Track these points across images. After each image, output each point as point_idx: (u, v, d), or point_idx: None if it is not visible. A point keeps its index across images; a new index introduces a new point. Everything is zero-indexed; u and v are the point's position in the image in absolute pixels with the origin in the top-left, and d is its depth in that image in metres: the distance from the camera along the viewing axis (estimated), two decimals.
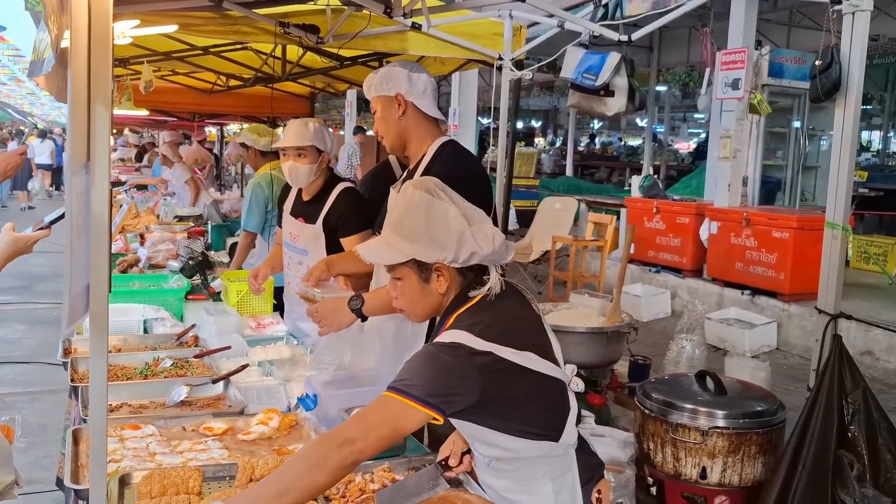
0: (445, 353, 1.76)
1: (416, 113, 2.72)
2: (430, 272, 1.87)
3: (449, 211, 1.83)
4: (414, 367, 1.77)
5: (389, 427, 1.71)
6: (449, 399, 1.73)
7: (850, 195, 3.14)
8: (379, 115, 2.76)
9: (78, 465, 2.13)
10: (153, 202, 8.51)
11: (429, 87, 2.73)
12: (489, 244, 1.84)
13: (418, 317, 1.98)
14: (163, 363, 3.06)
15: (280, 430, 2.43)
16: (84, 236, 1.70)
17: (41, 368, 6.16)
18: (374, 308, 2.65)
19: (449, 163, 2.68)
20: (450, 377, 1.74)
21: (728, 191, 8.68)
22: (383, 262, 1.90)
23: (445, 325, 1.88)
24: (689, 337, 5.13)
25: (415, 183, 1.90)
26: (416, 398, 1.69)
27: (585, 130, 28.51)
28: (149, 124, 17.08)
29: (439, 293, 1.89)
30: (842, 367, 2.98)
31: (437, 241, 1.82)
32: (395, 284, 1.94)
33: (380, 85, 2.71)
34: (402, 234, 1.85)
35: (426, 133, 2.76)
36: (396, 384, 1.73)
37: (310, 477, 1.63)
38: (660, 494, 3.26)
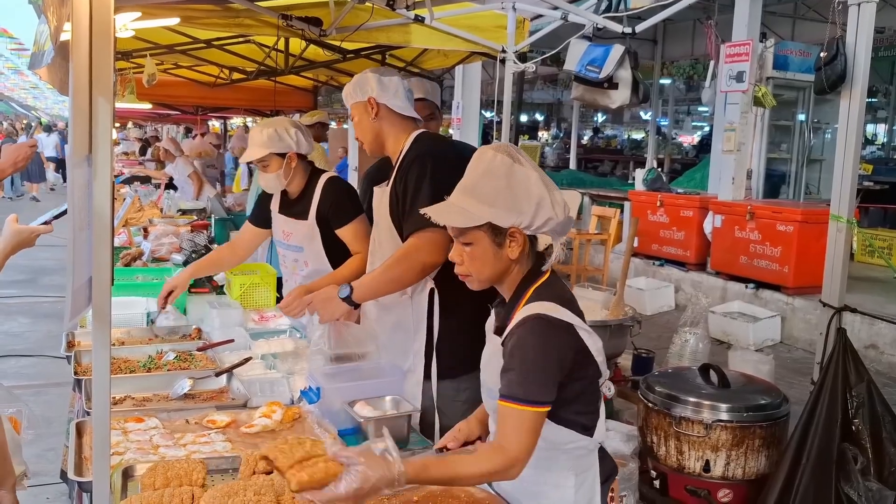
0: (549, 335, 1.78)
1: (388, 113, 2.80)
2: (505, 237, 1.84)
3: (531, 176, 1.81)
4: (531, 367, 1.77)
5: (537, 436, 1.77)
6: (555, 387, 1.79)
7: (854, 188, 3.13)
8: (356, 120, 2.85)
9: (81, 458, 2.14)
10: (156, 196, 8.51)
11: (400, 88, 2.80)
12: (562, 212, 1.84)
13: (483, 283, 1.94)
14: (166, 356, 3.06)
15: (283, 422, 2.42)
16: (86, 229, 1.70)
17: (45, 361, 6.18)
18: (365, 294, 2.69)
19: (421, 144, 2.78)
20: (555, 365, 1.78)
21: (732, 184, 8.66)
22: (459, 225, 1.85)
23: (524, 298, 1.87)
24: (692, 330, 5.12)
25: (494, 146, 1.87)
26: (544, 403, 1.76)
27: (589, 124, 28.45)
28: (152, 118, 17.09)
29: (510, 259, 1.87)
30: (846, 361, 2.97)
31: (516, 206, 1.80)
32: (464, 250, 1.90)
33: (353, 93, 2.82)
34: (478, 198, 1.82)
35: (401, 130, 2.83)
36: (520, 395, 1.75)
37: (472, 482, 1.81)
38: (663, 487, 3.26)
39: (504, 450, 1.74)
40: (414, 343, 2.78)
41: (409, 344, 2.79)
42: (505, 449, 1.75)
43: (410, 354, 2.79)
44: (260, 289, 4.02)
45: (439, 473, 1.74)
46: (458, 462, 1.80)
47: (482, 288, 1.95)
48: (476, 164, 1.87)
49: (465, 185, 1.87)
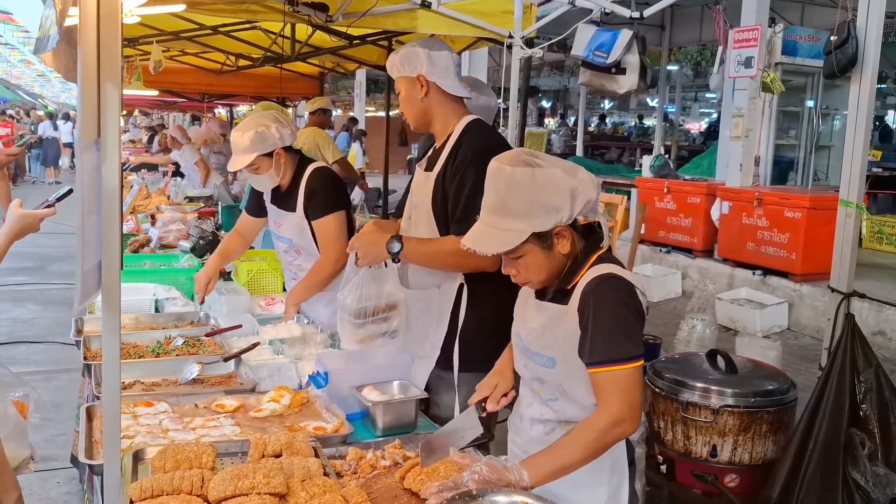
0: (629, 292, 1.84)
1: (438, 93, 2.66)
2: (551, 238, 1.84)
3: (554, 174, 1.79)
4: (617, 328, 1.81)
5: (640, 393, 1.83)
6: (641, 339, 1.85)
7: (864, 172, 3.11)
8: (403, 96, 2.70)
9: (92, 441, 2.15)
10: (163, 183, 8.53)
11: (451, 65, 2.65)
12: (593, 189, 1.83)
13: (543, 282, 1.94)
14: (174, 342, 3.07)
15: (291, 407, 2.44)
16: (95, 213, 1.70)
17: (55, 348, 6.22)
18: (413, 257, 2.59)
19: (476, 140, 2.65)
20: (637, 321, 1.85)
21: (740, 170, 8.62)
22: (503, 250, 1.83)
23: (586, 264, 1.88)
24: (699, 316, 5.11)
25: (506, 160, 1.83)
26: (638, 356, 1.81)
27: (596, 111, 28.34)
28: (159, 106, 17.09)
29: (563, 254, 1.87)
30: (854, 346, 2.96)
31: (552, 208, 1.79)
32: (515, 263, 1.88)
33: (401, 66, 2.66)
34: (512, 216, 1.80)
35: (450, 112, 2.71)
36: (623, 355, 1.80)
37: (588, 457, 1.81)
38: (670, 473, 3.26)
39: (604, 413, 1.80)
40: (436, 332, 2.72)
41: (430, 332, 2.73)
42: (605, 412, 1.80)
43: (429, 343, 2.74)
44: (267, 275, 4.04)
45: (552, 467, 1.78)
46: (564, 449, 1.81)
47: (544, 286, 1.96)
48: (496, 182, 1.83)
49: (493, 206, 1.84)
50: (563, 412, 1.99)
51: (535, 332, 1.98)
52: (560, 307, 1.91)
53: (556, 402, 1.99)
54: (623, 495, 1.99)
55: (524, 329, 2.03)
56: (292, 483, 1.77)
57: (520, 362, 2.08)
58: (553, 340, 1.92)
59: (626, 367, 1.80)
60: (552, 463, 1.79)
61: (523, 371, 2.07)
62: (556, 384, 1.97)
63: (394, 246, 2.49)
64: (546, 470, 1.77)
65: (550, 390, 1.99)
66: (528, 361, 2.02)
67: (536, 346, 1.97)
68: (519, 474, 1.74)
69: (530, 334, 1.99)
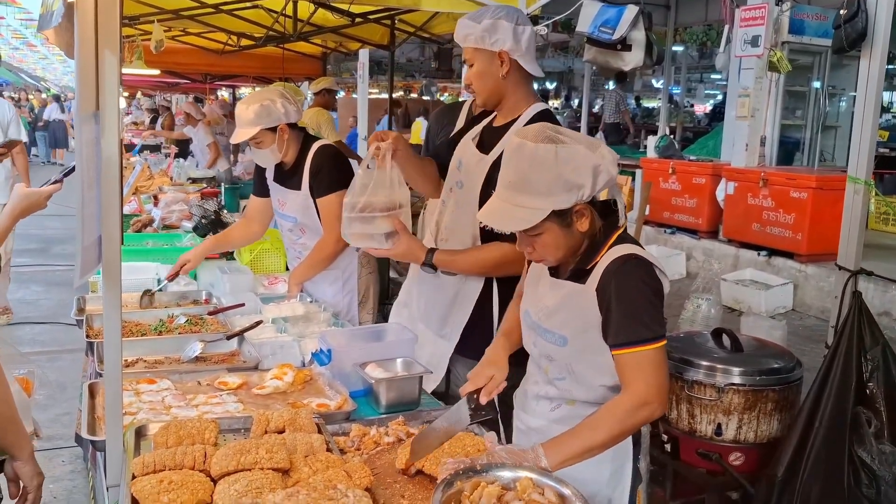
0: (650, 271, 1.83)
1: (518, 72, 2.49)
2: (571, 216, 1.81)
3: (578, 150, 1.75)
4: (640, 309, 1.80)
5: (665, 373, 1.81)
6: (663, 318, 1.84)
7: (873, 149, 3.08)
8: (477, 70, 2.49)
9: (94, 418, 2.15)
10: (166, 164, 8.51)
11: (532, 43, 2.48)
12: (614, 165, 1.80)
13: (560, 261, 1.91)
14: (177, 320, 3.06)
15: (294, 384, 2.43)
16: (95, 187, 1.68)
17: (59, 328, 6.23)
18: (448, 266, 2.58)
19: None
20: (659, 301, 1.84)
21: (745, 150, 8.57)
22: (522, 228, 1.79)
23: (606, 244, 1.86)
24: (704, 296, 5.09)
25: (529, 135, 1.77)
26: (661, 336, 1.80)
27: (600, 92, 28.16)
28: (161, 87, 17.02)
29: (581, 232, 1.84)
30: (861, 324, 2.94)
31: (573, 186, 1.75)
32: (532, 241, 1.85)
33: (482, 37, 2.44)
34: (532, 193, 1.75)
35: (525, 94, 2.55)
36: (647, 335, 1.78)
37: (613, 439, 1.80)
38: (674, 451, 3.25)
39: (629, 395, 1.79)
40: (456, 316, 2.67)
41: (450, 313, 2.70)
42: (630, 394, 1.78)
43: (448, 325, 2.71)
44: (270, 254, 4.02)
45: (574, 450, 1.76)
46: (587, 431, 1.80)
47: (562, 262, 1.93)
48: (518, 158, 1.78)
49: (513, 182, 1.79)
50: (570, 392, 1.97)
51: (549, 309, 1.95)
52: (577, 286, 1.88)
53: (564, 381, 1.97)
54: (626, 474, 1.98)
55: (535, 306, 2.00)
56: (295, 459, 1.76)
57: (528, 339, 2.06)
58: (567, 319, 1.90)
59: (650, 347, 1.78)
60: (574, 446, 1.77)
61: (531, 348, 2.05)
62: (565, 363, 1.95)
63: (429, 257, 2.54)
64: (567, 452, 1.75)
65: (559, 369, 1.97)
66: (538, 339, 2.00)
67: (548, 324, 1.95)
68: (536, 456, 1.72)
69: (542, 311, 1.97)
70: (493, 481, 1.60)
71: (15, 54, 32.72)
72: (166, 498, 1.55)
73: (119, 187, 1.66)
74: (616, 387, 1.88)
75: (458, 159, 2.68)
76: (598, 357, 1.88)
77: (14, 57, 33.50)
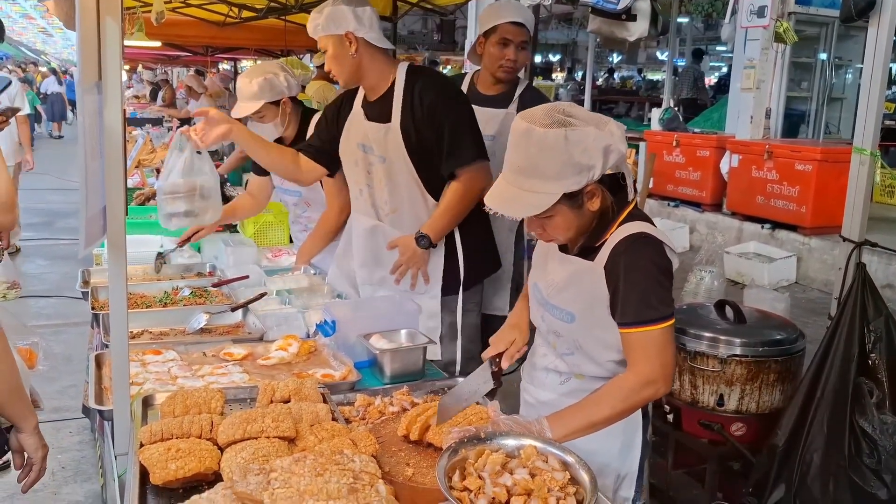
0: (660, 251, 1.81)
1: (368, 47, 2.75)
2: (582, 196, 1.78)
3: (588, 133, 1.70)
4: (648, 289, 1.79)
5: (671, 353, 1.81)
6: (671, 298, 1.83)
7: (879, 120, 3.05)
8: (331, 54, 2.77)
9: (101, 388, 2.17)
10: (168, 138, 8.47)
11: (374, 20, 2.76)
12: (623, 142, 1.77)
13: (571, 239, 1.90)
14: (182, 292, 3.08)
15: (299, 355, 2.44)
16: (98, 158, 1.68)
17: (64, 302, 6.26)
18: (440, 234, 2.83)
19: (429, 80, 2.79)
20: (667, 280, 1.82)
21: (750, 123, 8.51)
22: (533, 214, 1.76)
23: (616, 221, 1.84)
24: (707, 269, 5.09)
25: (537, 120, 1.73)
26: (668, 316, 1.80)
27: (604, 65, 27.92)
28: (162, 60, 16.91)
29: (592, 211, 1.82)
30: (864, 295, 2.93)
31: (583, 167, 1.71)
32: (543, 223, 1.83)
33: (326, 25, 2.72)
34: (542, 177, 1.72)
35: (383, 64, 2.80)
36: (654, 315, 1.78)
37: (617, 416, 1.80)
38: (676, 422, 3.27)
39: (635, 374, 1.79)
40: (435, 268, 2.90)
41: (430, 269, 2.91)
42: (636, 372, 1.79)
43: (431, 279, 2.92)
44: (274, 227, 4.03)
45: (579, 424, 1.77)
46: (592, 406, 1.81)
47: (571, 240, 1.92)
48: (525, 144, 1.73)
49: (521, 167, 1.75)
50: (578, 366, 1.98)
51: (557, 285, 1.94)
52: (586, 263, 1.87)
53: (572, 356, 1.98)
54: (636, 446, 1.99)
55: (544, 280, 1.99)
56: (301, 427, 1.77)
57: (536, 314, 2.06)
58: (575, 296, 1.90)
59: (657, 327, 1.78)
60: (578, 420, 1.78)
61: (540, 323, 2.05)
62: (572, 339, 1.95)
63: (423, 242, 2.80)
64: (572, 426, 1.76)
65: (566, 344, 1.98)
66: (546, 314, 2.00)
67: (556, 300, 1.94)
68: (541, 428, 1.74)
69: (550, 287, 1.96)
70: (498, 449, 1.62)
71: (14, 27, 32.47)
72: (174, 465, 1.57)
73: (122, 157, 1.66)
74: (624, 361, 1.88)
75: (359, 142, 2.87)
76: (606, 333, 1.88)
77: (14, 30, 33.26)
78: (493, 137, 3.29)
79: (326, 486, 1.21)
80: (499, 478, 1.51)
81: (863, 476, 2.71)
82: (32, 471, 1.89)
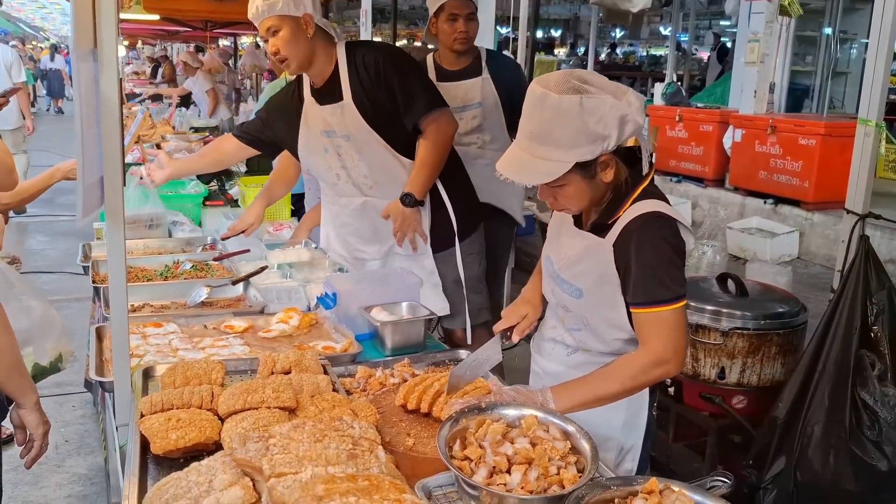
0: (674, 231, 1.79)
1: (319, 30, 2.74)
2: (595, 167, 1.75)
3: (605, 101, 1.67)
4: (660, 269, 1.76)
5: (683, 333, 1.79)
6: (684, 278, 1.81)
7: (885, 93, 3.01)
8: (285, 36, 2.67)
9: (102, 360, 2.17)
10: (168, 113, 8.44)
11: (318, 4, 2.75)
12: (641, 114, 1.73)
13: (585, 209, 1.87)
14: (183, 266, 3.07)
15: (300, 328, 2.44)
16: (95, 126, 1.66)
17: (65, 278, 6.27)
18: (423, 190, 2.84)
19: (367, 46, 2.86)
20: (680, 259, 1.80)
21: (754, 97, 8.44)
22: (544, 181, 1.73)
23: (630, 197, 1.81)
24: (710, 242, 5.08)
25: (552, 85, 1.68)
26: (681, 297, 1.77)
27: (606, 40, 27.70)
28: (161, 36, 16.78)
29: (606, 183, 1.79)
30: (868, 268, 2.92)
31: (598, 137, 1.68)
32: (555, 192, 1.80)
33: (286, 5, 2.64)
34: (555, 144, 1.69)
35: (330, 46, 2.80)
36: (667, 296, 1.75)
37: (624, 392, 1.80)
38: (678, 395, 3.28)
39: (646, 353, 1.77)
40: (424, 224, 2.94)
41: None
42: (647, 352, 1.77)
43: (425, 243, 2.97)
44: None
45: (584, 397, 1.77)
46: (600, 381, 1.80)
47: (584, 210, 1.89)
48: (540, 110, 1.70)
49: (535, 133, 1.72)
50: (585, 342, 1.97)
51: (569, 259, 1.92)
52: (597, 239, 1.85)
53: (580, 332, 1.97)
54: (641, 420, 1.99)
55: (557, 253, 1.98)
56: (301, 398, 1.77)
57: (547, 287, 2.05)
58: (584, 271, 1.88)
59: (669, 307, 1.75)
60: (584, 393, 1.77)
61: (550, 296, 2.04)
62: (580, 315, 1.94)
63: (408, 200, 2.80)
64: (576, 398, 1.76)
65: (574, 320, 1.97)
66: (556, 288, 1.98)
67: (566, 274, 1.93)
68: (544, 398, 1.73)
69: (562, 260, 1.95)
70: (499, 419, 1.61)
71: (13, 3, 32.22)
72: (174, 435, 1.57)
73: (120, 127, 1.64)
74: (632, 340, 1.87)
75: (321, 130, 2.86)
76: (613, 313, 1.87)
77: (12, 6, 33.00)
78: (479, 104, 3.43)
79: (325, 452, 1.21)
80: (499, 447, 1.51)
81: (863, 448, 2.72)
82: (34, 447, 1.89)
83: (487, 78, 3.43)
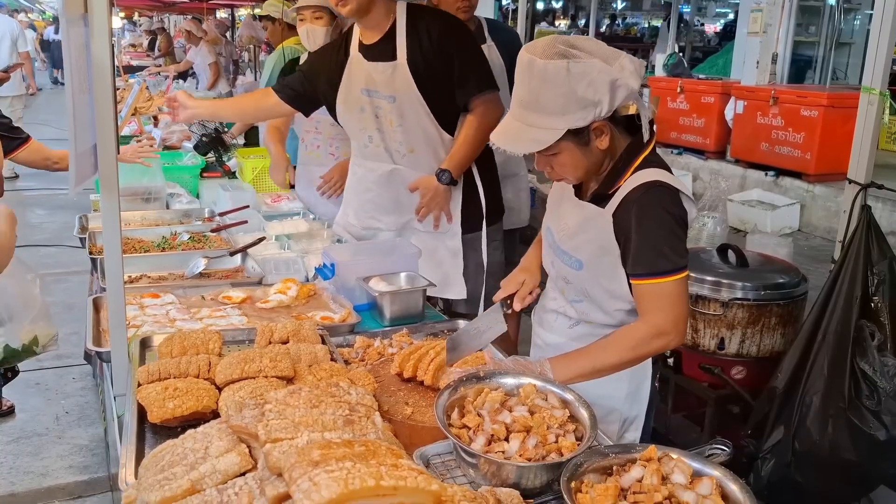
0: (677, 201, 1.76)
1: None
2: (589, 134, 1.73)
3: (593, 66, 1.63)
4: (661, 240, 1.74)
5: (684, 304, 1.77)
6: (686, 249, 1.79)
7: (889, 62, 2.97)
8: None
9: (100, 331, 2.16)
10: (165, 86, 8.37)
11: None
12: (636, 78, 1.69)
13: (580, 178, 1.85)
14: (180, 237, 3.06)
15: (298, 298, 2.43)
16: (87, 92, 1.64)
17: (64, 251, 6.25)
18: (460, 169, 2.78)
19: (433, 13, 2.79)
20: (682, 230, 1.77)
21: (756, 68, 8.39)
22: (536, 150, 1.71)
23: (632, 166, 1.78)
24: (710, 214, 5.05)
25: (538, 51, 1.66)
26: (682, 268, 1.75)
27: (608, 11, 27.43)
28: (157, 7, 16.59)
29: (601, 150, 1.77)
30: (869, 238, 2.90)
31: (588, 103, 1.65)
32: (549, 160, 1.78)
33: None
34: (545, 111, 1.67)
35: (389, 1, 2.70)
36: (667, 267, 1.73)
37: (623, 364, 1.80)
38: (677, 365, 3.28)
39: (646, 324, 1.76)
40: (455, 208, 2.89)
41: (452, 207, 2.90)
42: (647, 323, 1.76)
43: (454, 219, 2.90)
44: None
45: (582, 368, 1.76)
46: (599, 352, 1.79)
47: (583, 180, 1.86)
48: (528, 76, 1.67)
49: (524, 100, 1.69)
50: (587, 314, 1.96)
51: (569, 230, 1.90)
52: (597, 210, 1.82)
53: (581, 303, 1.95)
54: (644, 392, 1.98)
55: (557, 224, 1.95)
56: (299, 368, 1.76)
57: (547, 259, 2.03)
58: (583, 243, 1.86)
59: (670, 279, 1.73)
60: (583, 364, 1.76)
61: (550, 268, 2.03)
62: (580, 287, 1.92)
63: (444, 177, 2.73)
64: (575, 370, 1.75)
65: (575, 292, 1.95)
66: (556, 260, 1.97)
67: (566, 246, 1.91)
68: (543, 369, 1.72)
69: (563, 231, 1.93)
70: (497, 388, 1.61)
71: None
72: (171, 404, 1.56)
73: (112, 93, 1.61)
74: (634, 310, 1.85)
75: (363, 88, 2.76)
76: (612, 284, 1.85)
77: None
78: None
79: (322, 418, 1.21)
80: (498, 415, 1.51)
81: (862, 417, 2.72)
82: None
83: (492, 45, 3.37)
